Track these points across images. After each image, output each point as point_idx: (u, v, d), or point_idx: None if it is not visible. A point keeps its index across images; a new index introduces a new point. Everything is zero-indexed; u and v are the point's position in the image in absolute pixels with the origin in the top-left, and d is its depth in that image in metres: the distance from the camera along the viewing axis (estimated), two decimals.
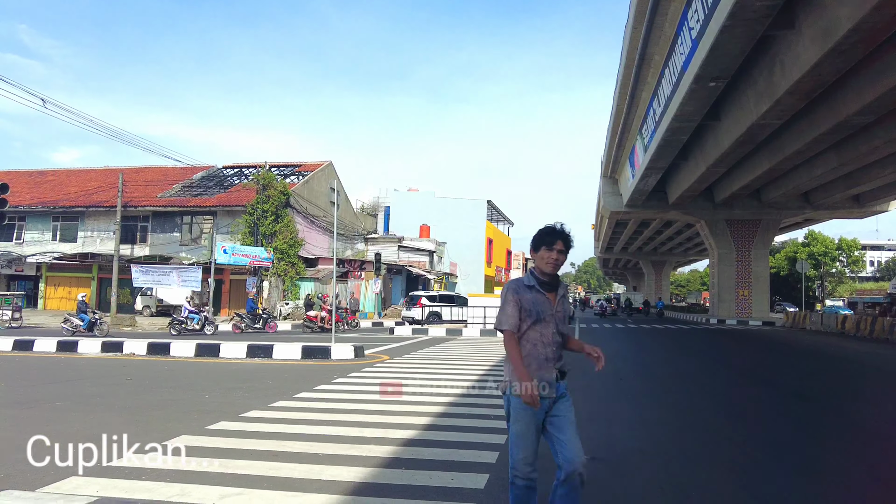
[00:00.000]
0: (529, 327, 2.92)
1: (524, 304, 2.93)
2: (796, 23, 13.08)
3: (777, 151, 21.11)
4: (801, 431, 6.17)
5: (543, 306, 2.95)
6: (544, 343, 2.93)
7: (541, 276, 2.99)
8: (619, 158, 31.67)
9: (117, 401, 6.87)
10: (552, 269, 2.98)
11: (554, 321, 2.96)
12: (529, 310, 2.92)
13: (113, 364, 10.59)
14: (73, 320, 18.46)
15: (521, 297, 2.94)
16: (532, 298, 2.94)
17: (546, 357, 2.92)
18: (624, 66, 20.81)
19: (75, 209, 32.69)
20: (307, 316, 21.82)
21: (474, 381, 8.66)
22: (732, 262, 32.47)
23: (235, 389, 7.79)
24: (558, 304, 3.00)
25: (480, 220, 48.66)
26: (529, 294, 2.95)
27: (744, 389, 9.24)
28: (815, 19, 12.35)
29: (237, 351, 11.68)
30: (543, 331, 2.93)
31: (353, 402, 6.87)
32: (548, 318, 2.94)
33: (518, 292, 2.96)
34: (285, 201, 29.21)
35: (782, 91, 14.78)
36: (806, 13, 12.66)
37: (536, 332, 2.93)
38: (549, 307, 2.96)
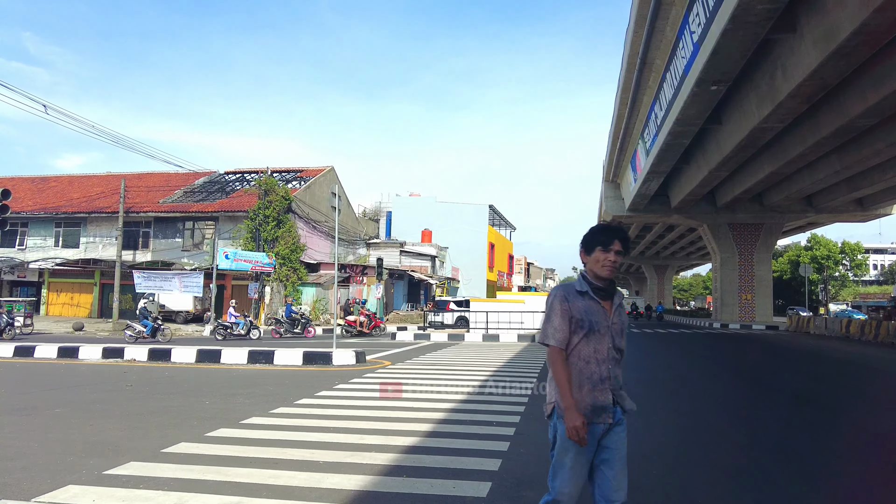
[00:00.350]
0: (581, 341, 2.53)
1: (575, 313, 2.54)
2: (798, 26, 13.05)
3: (779, 155, 21.05)
4: (805, 435, 6.10)
5: (598, 316, 2.57)
6: (598, 360, 2.54)
7: (595, 282, 2.61)
8: (621, 163, 31.64)
9: (117, 407, 6.83)
10: (608, 272, 2.59)
11: (610, 334, 2.57)
12: (581, 320, 2.54)
13: (114, 370, 10.54)
14: (135, 326, 18.60)
15: (571, 305, 2.56)
16: (584, 307, 2.56)
17: (601, 377, 2.53)
18: (625, 70, 20.80)
19: (77, 215, 32.74)
20: (346, 320, 22.81)
21: (476, 386, 8.59)
22: (735, 266, 32.38)
23: (236, 396, 7.74)
24: (614, 314, 2.62)
25: (482, 224, 48.64)
26: (581, 302, 2.57)
27: (748, 393, 9.17)
28: (816, 23, 12.32)
29: (238, 357, 11.64)
30: (598, 345, 2.54)
31: (355, 409, 6.81)
32: (603, 331, 2.55)
33: (567, 300, 2.58)
34: (287, 207, 29.21)
35: (784, 94, 14.74)
36: (807, 16, 12.63)
37: (589, 346, 2.54)
38: (605, 317, 2.58)
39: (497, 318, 20.80)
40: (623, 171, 32.61)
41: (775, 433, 6.17)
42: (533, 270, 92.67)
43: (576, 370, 2.54)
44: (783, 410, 7.63)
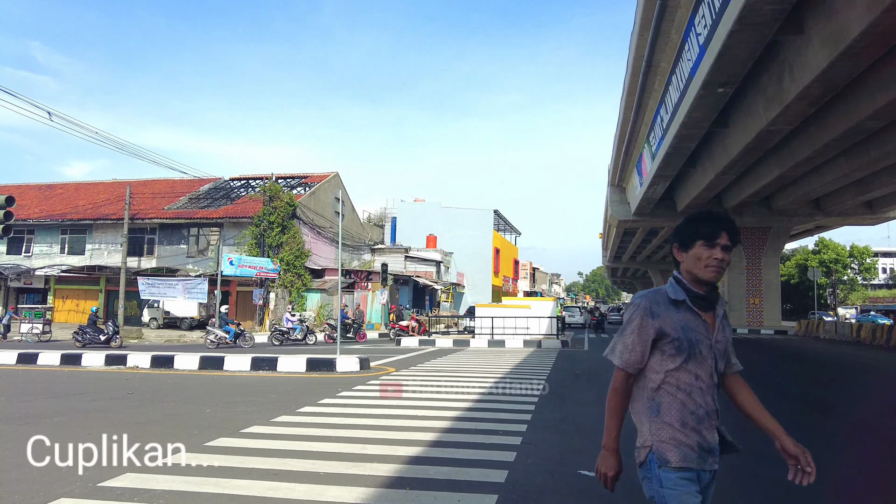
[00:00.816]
0: (680, 367, 1.98)
1: (669, 330, 1.98)
2: (805, 27, 12.90)
3: (787, 158, 20.85)
4: (818, 442, 5.92)
5: (699, 333, 2.00)
6: (702, 389, 1.99)
7: (693, 287, 2.03)
8: (627, 167, 31.48)
9: (116, 416, 6.73)
10: (713, 275, 2.01)
11: (713, 356, 2.02)
12: (678, 339, 1.97)
13: (116, 378, 10.46)
14: (217, 332, 18.66)
15: (661, 321, 1.99)
16: (681, 321, 1.99)
17: (707, 410, 1.99)
18: (630, 73, 20.68)
19: (83, 222, 32.84)
20: (399, 325, 23.84)
21: (482, 393, 8.45)
22: (742, 271, 32.13)
23: (238, 403, 7.63)
24: (718, 329, 2.06)
25: (487, 229, 48.51)
26: (676, 314, 2.00)
27: (762, 401, 8.96)
28: (824, 24, 12.17)
29: (241, 364, 11.54)
30: (699, 371, 1.99)
31: (357, 417, 6.69)
32: (705, 352, 2.00)
33: (654, 314, 2.01)
34: (291, 212, 29.19)
35: (792, 96, 14.57)
36: (815, 18, 12.48)
37: (689, 373, 1.99)
38: (707, 335, 2.02)
39: (503, 323, 20.64)
40: (628, 176, 32.45)
41: None
42: (538, 275, 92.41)
43: (676, 403, 1.99)
44: (796, 417, 7.45)
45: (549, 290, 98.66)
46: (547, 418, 6.60)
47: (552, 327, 20.87)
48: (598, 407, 7.59)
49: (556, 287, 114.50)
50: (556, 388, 9.14)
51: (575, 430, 6.20)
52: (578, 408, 7.51)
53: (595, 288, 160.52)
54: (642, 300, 2.08)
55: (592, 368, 12.77)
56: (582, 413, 7.19)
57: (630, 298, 1.74)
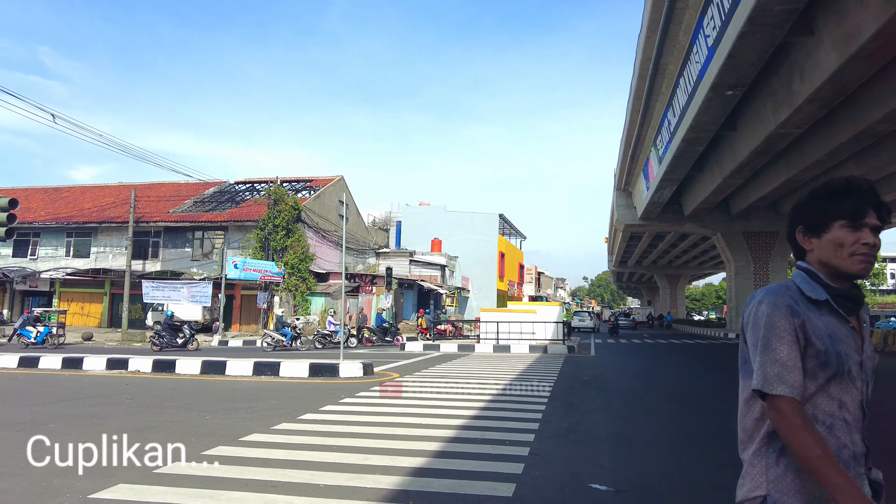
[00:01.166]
0: (819, 390, 1.48)
1: (814, 338, 1.47)
2: (816, 29, 12.71)
3: (796, 162, 20.61)
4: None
5: (848, 346, 1.50)
6: (847, 423, 1.49)
7: (833, 283, 1.54)
8: (633, 170, 31.27)
9: (113, 422, 6.57)
10: (862, 267, 1.53)
11: (863, 378, 1.53)
12: (825, 352, 1.47)
13: (117, 382, 10.33)
14: (274, 335, 18.77)
15: (807, 322, 1.48)
16: (826, 327, 1.49)
17: (854, 454, 1.49)
18: (637, 76, 20.51)
19: (88, 225, 32.87)
20: (437, 329, 25.17)
21: (487, 401, 8.26)
22: (750, 276, 31.81)
23: (238, 410, 7.47)
24: (867, 341, 1.57)
25: (492, 233, 48.32)
26: (819, 318, 1.50)
27: None
28: (835, 24, 11.97)
29: (244, 368, 11.39)
30: (845, 396, 1.49)
31: (359, 425, 6.51)
32: (854, 372, 1.50)
33: (798, 313, 1.49)
34: (296, 216, 29.11)
35: (802, 99, 14.37)
36: (826, 18, 12.28)
37: (831, 399, 1.49)
38: (857, 348, 1.53)
39: (508, 328, 20.43)
40: (635, 180, 32.22)
41: None
42: (544, 280, 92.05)
43: None
44: None
45: (555, 294, 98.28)
46: (555, 427, 6.41)
47: (558, 332, 20.65)
48: (606, 415, 7.40)
49: (561, 292, 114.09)
50: (563, 395, 8.95)
51: (584, 440, 6.01)
52: (587, 416, 7.32)
53: (600, 293, 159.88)
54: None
55: (600, 375, 12.56)
56: (591, 422, 7.00)
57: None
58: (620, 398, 9.09)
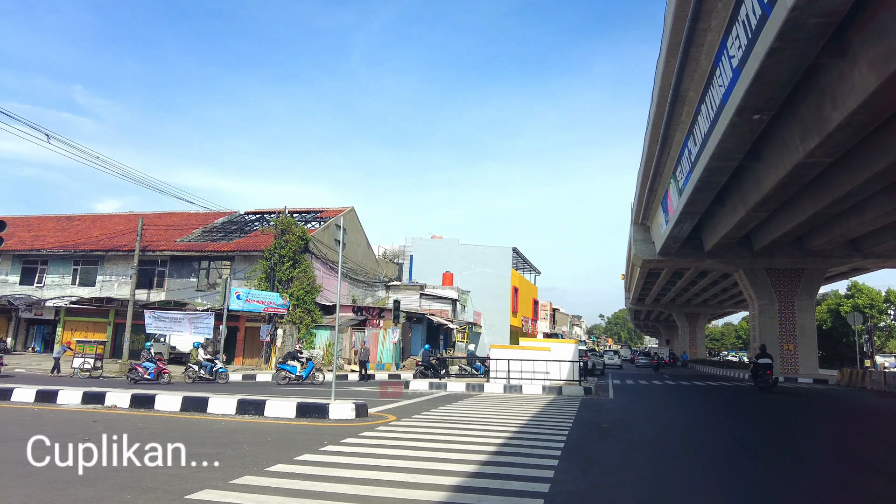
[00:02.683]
0: None
1: None
2: (849, 49, 11.89)
3: (824, 195, 19.55)
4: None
5: None
6: None
7: None
8: (651, 204, 30.30)
9: (49, 470, 5.63)
10: None
11: None
12: None
13: (84, 419, 9.41)
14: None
15: None
16: None
17: None
18: (656, 104, 19.76)
19: (95, 253, 32.53)
20: None
21: (491, 453, 7.18)
22: (775, 315, 30.35)
23: (201, 457, 6.48)
24: None
25: (506, 268, 47.29)
26: None
27: (828, 469, 7.40)
28: (872, 44, 11.14)
29: (226, 406, 10.43)
30: None
31: (333, 482, 5.49)
32: None
33: None
34: (304, 246, 28.45)
35: (834, 125, 13.45)
36: (861, 37, 11.46)
37: None
38: None
39: (520, 366, 19.24)
40: (653, 213, 31.22)
41: None
42: (559, 317, 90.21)
43: None
44: (882, 493, 6.04)
45: (570, 332, 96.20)
46: (569, 490, 5.33)
47: (574, 372, 19.39)
48: (630, 473, 6.28)
49: (577, 329, 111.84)
50: (579, 446, 7.83)
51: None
52: (607, 475, 6.21)
53: (617, 331, 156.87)
54: None
55: (621, 420, 11.36)
56: (612, 483, 5.89)
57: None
58: (645, 451, 7.94)
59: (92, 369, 21.22)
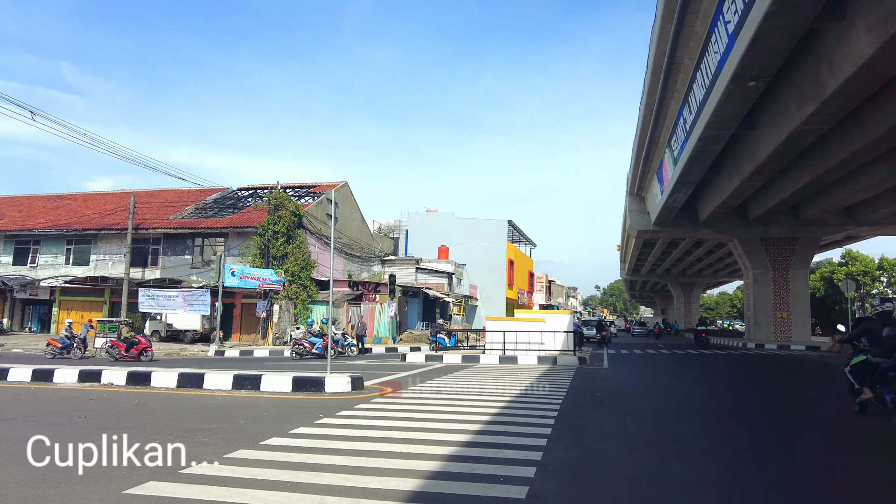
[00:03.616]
0: None
1: None
2: (848, 12, 11.67)
3: (819, 162, 19.47)
4: None
5: None
6: None
7: None
8: (647, 174, 30.17)
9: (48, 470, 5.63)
10: None
11: None
12: None
13: (82, 397, 9.43)
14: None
15: None
16: None
17: None
18: (651, 72, 19.50)
19: (88, 232, 32.28)
20: None
21: (485, 423, 7.23)
22: (769, 283, 30.53)
23: (196, 432, 6.51)
24: None
25: (501, 241, 47.25)
26: None
27: (820, 434, 7.45)
28: (872, 5, 10.93)
29: (222, 382, 10.46)
30: None
31: (329, 454, 5.52)
32: None
33: None
34: (297, 222, 28.29)
35: (831, 91, 13.30)
36: (860, 1, 11.25)
37: None
38: None
39: (515, 338, 19.36)
40: (648, 184, 31.12)
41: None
42: (555, 288, 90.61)
43: None
44: (870, 458, 6.13)
45: (566, 303, 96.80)
46: (561, 458, 5.37)
47: (569, 342, 19.54)
48: (622, 441, 6.34)
49: (572, 300, 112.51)
50: (573, 415, 7.89)
51: (596, 475, 4.97)
52: (600, 443, 6.27)
53: (613, 302, 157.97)
54: None
55: (615, 389, 11.47)
56: (604, 450, 5.95)
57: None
58: (637, 419, 8.02)
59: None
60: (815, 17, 11.22)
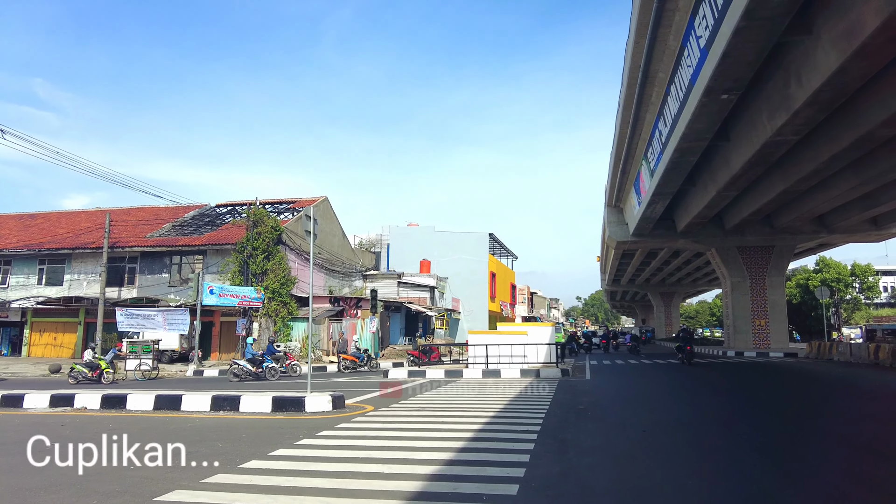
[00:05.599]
0: None
1: None
2: (813, 27, 12.01)
3: (792, 172, 19.91)
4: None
5: None
6: None
7: None
8: (624, 186, 30.55)
9: (3, 478, 5.43)
10: None
11: None
12: None
13: (53, 423, 9.13)
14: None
15: None
16: None
17: None
18: (626, 86, 19.82)
19: (62, 251, 31.59)
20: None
21: (468, 439, 7.16)
22: (747, 291, 31.00)
23: (172, 456, 6.32)
24: None
25: (483, 253, 47.35)
26: None
27: (801, 443, 7.46)
28: (836, 20, 11.26)
29: (201, 403, 10.23)
30: None
31: (309, 476, 5.40)
32: None
33: None
34: (277, 238, 28.03)
35: (800, 102, 13.64)
36: (825, 16, 11.58)
37: None
38: None
39: (498, 351, 19.32)
40: (626, 195, 31.50)
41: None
42: (537, 300, 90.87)
43: None
44: (855, 467, 6.18)
45: (548, 314, 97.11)
46: (544, 475, 5.33)
47: (551, 355, 19.55)
48: (606, 455, 6.31)
49: (554, 312, 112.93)
50: (555, 429, 7.86)
51: (580, 491, 4.92)
52: (583, 458, 6.23)
53: (594, 312, 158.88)
54: None
55: (597, 402, 11.46)
56: (587, 465, 5.91)
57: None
58: (620, 431, 8.01)
59: (150, 370, 20.86)
60: (782, 31, 11.52)
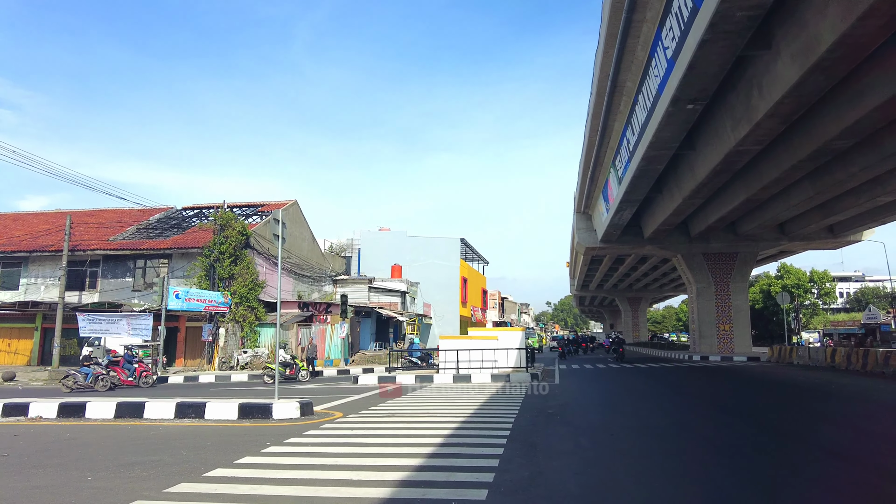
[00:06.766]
0: None
1: None
2: (773, 42, 12.43)
3: (754, 181, 20.50)
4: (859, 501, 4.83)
5: None
6: None
7: None
8: (593, 193, 31.01)
9: None
10: None
11: None
12: None
13: (4, 433, 8.78)
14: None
15: None
16: None
17: None
18: (595, 94, 20.15)
19: (17, 254, 30.45)
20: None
21: (437, 444, 7.14)
22: (712, 297, 31.73)
23: (134, 466, 6.15)
24: None
25: (454, 258, 47.44)
26: None
27: (762, 445, 7.70)
28: (794, 36, 11.68)
29: (164, 410, 9.97)
30: None
31: (275, 484, 5.31)
32: None
33: None
34: (244, 242, 27.57)
35: (761, 114, 14.08)
36: (784, 31, 12.00)
37: None
38: None
39: (468, 356, 19.35)
40: (595, 202, 31.97)
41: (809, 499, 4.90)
42: (508, 305, 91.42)
43: None
44: (821, 470, 6.36)
45: (519, 319, 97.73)
46: (513, 479, 5.35)
47: (521, 359, 19.67)
48: (574, 458, 6.37)
49: (525, 316, 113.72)
50: (525, 433, 7.90)
51: (548, 494, 4.95)
52: (552, 461, 6.28)
53: (564, 317, 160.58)
54: None
55: (566, 405, 11.58)
56: (557, 468, 5.95)
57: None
58: (589, 435, 8.10)
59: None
60: (745, 44, 11.88)
